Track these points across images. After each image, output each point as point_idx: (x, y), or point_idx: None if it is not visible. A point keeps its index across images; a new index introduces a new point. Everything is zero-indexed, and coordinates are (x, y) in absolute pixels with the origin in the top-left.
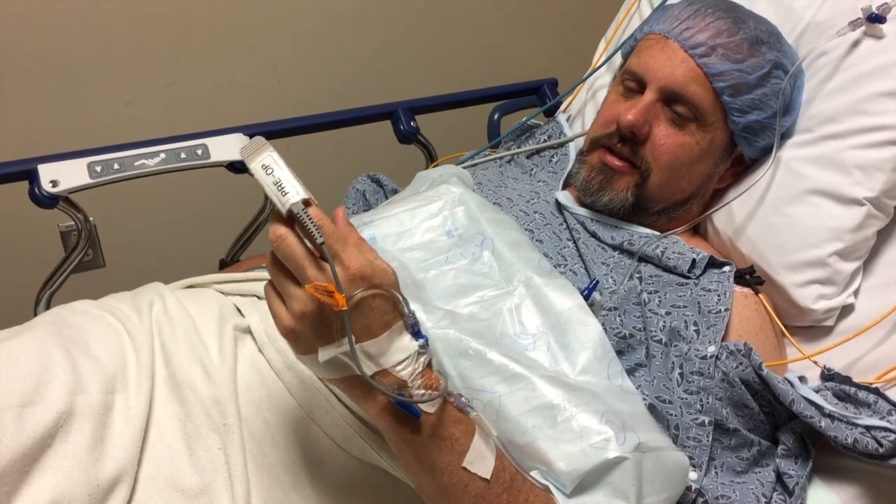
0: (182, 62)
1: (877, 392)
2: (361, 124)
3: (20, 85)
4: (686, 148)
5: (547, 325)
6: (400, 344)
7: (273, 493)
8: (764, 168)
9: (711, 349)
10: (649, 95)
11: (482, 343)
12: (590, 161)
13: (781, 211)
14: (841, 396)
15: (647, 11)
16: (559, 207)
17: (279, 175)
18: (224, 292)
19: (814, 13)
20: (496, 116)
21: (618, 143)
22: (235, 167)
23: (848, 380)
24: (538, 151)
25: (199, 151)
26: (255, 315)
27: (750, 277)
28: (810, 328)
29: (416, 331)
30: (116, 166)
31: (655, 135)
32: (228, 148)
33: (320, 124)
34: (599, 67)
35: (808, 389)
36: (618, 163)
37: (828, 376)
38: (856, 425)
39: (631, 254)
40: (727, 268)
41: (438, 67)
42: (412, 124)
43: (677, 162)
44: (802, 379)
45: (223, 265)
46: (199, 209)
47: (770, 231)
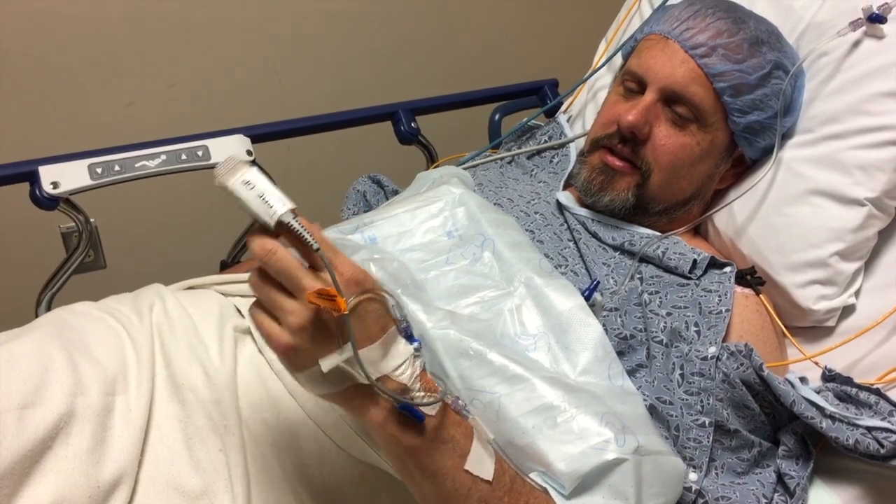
0: (183, 63)
1: (878, 393)
2: (362, 125)
3: (21, 86)
4: (687, 148)
5: (548, 326)
6: (397, 348)
7: (273, 494)
8: (765, 168)
9: (712, 350)
10: (650, 96)
11: (483, 344)
12: (590, 162)
13: (782, 211)
14: (842, 397)
15: (648, 12)
16: (560, 208)
17: (262, 188)
18: (225, 293)
19: (814, 13)
20: (497, 117)
21: (618, 144)
22: None
23: (849, 380)
24: (539, 152)
25: (200, 153)
26: None
27: (751, 278)
28: (811, 329)
29: (409, 334)
30: (117, 168)
31: (656, 135)
32: (229, 149)
33: (321, 125)
34: (600, 68)
35: (809, 390)
36: (618, 163)
37: (829, 377)
38: (857, 426)
39: (632, 254)
40: (728, 268)
41: (439, 68)
42: (413, 125)
43: (678, 162)
44: (803, 380)
45: (224, 266)
46: (200, 210)
47: (771, 231)
